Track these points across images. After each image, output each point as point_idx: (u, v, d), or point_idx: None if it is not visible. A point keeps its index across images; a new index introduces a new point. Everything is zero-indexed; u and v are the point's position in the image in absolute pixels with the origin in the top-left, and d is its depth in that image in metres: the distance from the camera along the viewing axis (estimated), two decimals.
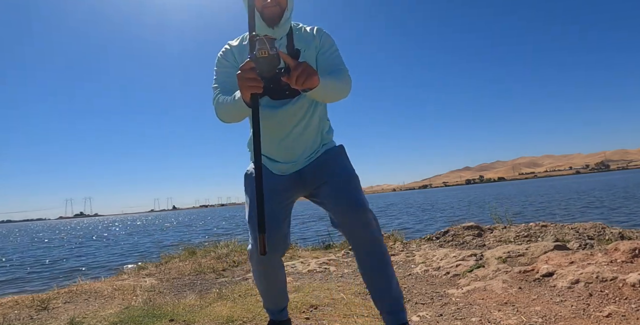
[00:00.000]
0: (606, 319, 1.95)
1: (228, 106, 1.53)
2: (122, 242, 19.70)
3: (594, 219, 6.30)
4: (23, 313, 2.95)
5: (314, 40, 1.66)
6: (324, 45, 1.67)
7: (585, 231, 4.09)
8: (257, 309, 2.57)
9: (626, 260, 2.57)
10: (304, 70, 1.27)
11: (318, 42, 1.67)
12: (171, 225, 38.60)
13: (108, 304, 3.08)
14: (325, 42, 1.67)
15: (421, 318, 2.22)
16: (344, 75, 1.60)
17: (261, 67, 1.26)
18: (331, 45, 1.68)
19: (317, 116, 1.69)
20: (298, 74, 1.27)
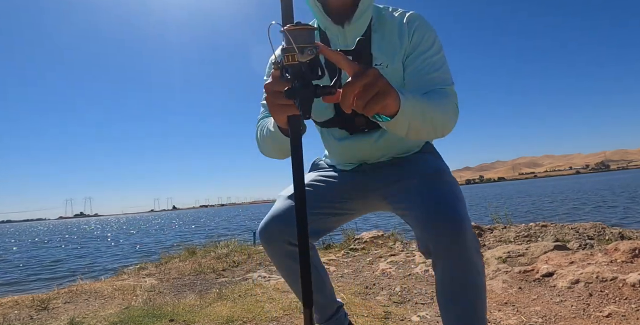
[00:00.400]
0: (606, 319, 1.95)
1: (266, 137, 1.13)
2: (122, 242, 19.70)
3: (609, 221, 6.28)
4: (23, 313, 2.95)
5: (403, 42, 1.13)
6: (417, 45, 1.11)
7: (585, 231, 4.09)
8: (257, 309, 2.57)
9: (626, 260, 2.57)
10: (369, 84, 0.72)
11: (407, 42, 1.12)
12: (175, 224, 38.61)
13: (108, 304, 3.08)
14: (418, 40, 1.12)
15: (421, 318, 2.22)
16: (447, 97, 1.03)
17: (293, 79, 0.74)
18: (429, 46, 1.11)
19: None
20: (358, 89, 0.71)
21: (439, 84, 1.07)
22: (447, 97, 1.03)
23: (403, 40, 1.13)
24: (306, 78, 0.69)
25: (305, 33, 0.68)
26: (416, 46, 1.12)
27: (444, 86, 1.06)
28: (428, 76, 1.08)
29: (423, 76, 1.09)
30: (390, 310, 2.35)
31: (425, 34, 1.13)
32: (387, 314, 2.31)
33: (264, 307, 2.60)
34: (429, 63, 1.10)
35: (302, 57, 0.67)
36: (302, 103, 0.70)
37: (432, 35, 1.14)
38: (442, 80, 1.08)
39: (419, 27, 1.13)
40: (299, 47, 0.67)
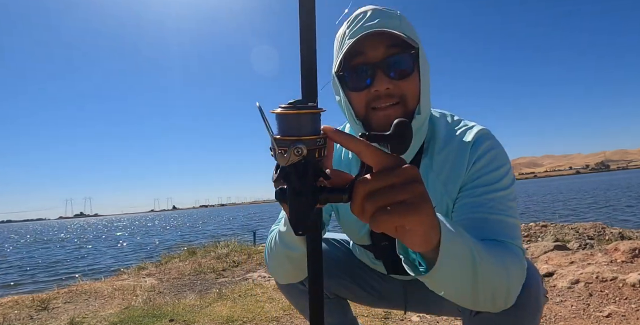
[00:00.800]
0: (606, 319, 1.95)
1: (274, 247, 0.90)
2: (123, 242, 19.71)
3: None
4: (23, 313, 2.95)
5: (461, 171, 0.88)
6: (479, 175, 0.86)
7: (585, 231, 4.09)
8: (257, 309, 2.57)
9: (626, 260, 2.57)
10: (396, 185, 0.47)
11: (466, 170, 0.88)
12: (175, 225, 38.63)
13: (108, 304, 3.08)
14: (483, 170, 0.86)
15: (421, 318, 2.22)
16: (514, 254, 0.74)
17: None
18: (496, 178, 0.85)
19: None
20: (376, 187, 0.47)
21: (501, 233, 0.77)
22: (513, 254, 0.73)
23: (461, 168, 0.88)
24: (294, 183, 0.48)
25: (296, 120, 0.47)
26: (478, 176, 0.86)
27: (508, 240, 0.76)
28: (487, 218, 0.79)
29: (479, 216, 0.80)
30: (390, 310, 2.34)
31: (494, 161, 0.86)
32: (387, 314, 2.32)
33: (264, 307, 2.60)
34: (492, 200, 0.81)
35: (283, 159, 0.46)
36: (290, 215, 0.50)
37: (503, 164, 0.87)
38: (506, 230, 0.78)
39: (486, 151, 0.87)
40: (278, 141, 0.46)
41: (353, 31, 0.85)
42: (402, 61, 0.84)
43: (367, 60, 0.84)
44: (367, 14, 0.86)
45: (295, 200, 0.49)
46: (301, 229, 0.50)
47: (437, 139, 0.93)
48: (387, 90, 0.83)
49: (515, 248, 0.76)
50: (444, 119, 0.98)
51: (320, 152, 0.49)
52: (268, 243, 0.95)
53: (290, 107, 0.47)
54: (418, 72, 0.86)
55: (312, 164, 0.48)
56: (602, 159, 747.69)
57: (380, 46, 0.83)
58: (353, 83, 0.86)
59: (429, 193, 0.81)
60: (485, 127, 0.94)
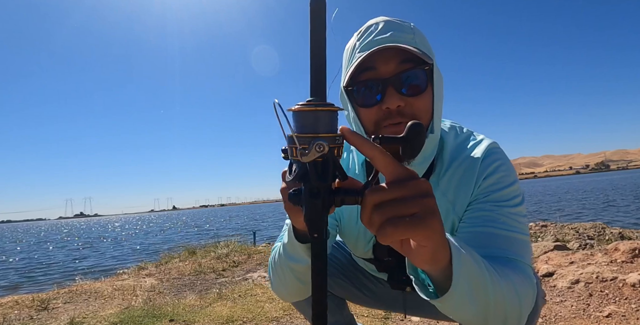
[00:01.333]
0: (606, 319, 1.95)
1: (278, 259, 0.85)
2: (123, 242, 19.71)
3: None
4: (23, 313, 2.95)
5: (468, 188, 0.87)
6: (488, 192, 0.84)
7: (585, 231, 4.09)
8: (257, 309, 2.57)
9: (626, 260, 2.57)
10: (406, 198, 0.46)
11: (475, 187, 0.86)
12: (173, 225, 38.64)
13: (108, 304, 3.08)
14: (492, 187, 0.85)
15: (421, 318, 2.22)
16: (524, 274, 0.72)
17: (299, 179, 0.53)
18: (507, 197, 0.83)
19: None
20: (385, 199, 0.47)
21: (510, 251, 0.75)
22: (524, 274, 0.71)
23: (469, 186, 0.86)
24: (312, 182, 0.47)
25: (315, 117, 0.46)
26: (487, 193, 0.84)
27: (517, 257, 0.74)
28: (497, 233, 0.77)
29: (488, 230, 0.78)
30: (379, 310, 2.35)
31: (504, 178, 0.84)
32: (387, 314, 2.32)
33: (264, 307, 2.60)
34: (502, 215, 0.79)
35: (306, 157, 0.45)
36: (306, 216, 0.49)
37: (513, 181, 0.85)
38: (516, 247, 0.76)
39: (496, 168, 0.85)
40: (300, 139, 0.45)
41: (364, 44, 0.81)
42: (415, 77, 0.80)
43: (378, 76, 0.80)
44: (379, 26, 0.82)
45: (312, 200, 0.48)
46: (317, 231, 0.49)
47: (444, 156, 0.90)
48: (398, 108, 0.78)
49: (525, 267, 0.74)
50: (452, 132, 0.95)
51: (339, 151, 0.48)
52: (271, 260, 0.91)
53: (309, 104, 0.46)
54: (432, 88, 0.82)
55: (333, 162, 0.47)
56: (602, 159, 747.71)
57: (392, 61, 0.79)
58: (362, 99, 0.82)
59: (445, 211, 0.87)
60: (494, 141, 0.91)
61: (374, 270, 1.10)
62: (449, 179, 0.88)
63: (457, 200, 0.87)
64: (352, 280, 1.22)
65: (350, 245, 1.07)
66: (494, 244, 0.76)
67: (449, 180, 0.88)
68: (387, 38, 0.79)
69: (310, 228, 0.49)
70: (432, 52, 0.84)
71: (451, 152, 0.90)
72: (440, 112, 0.85)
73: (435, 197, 0.81)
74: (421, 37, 0.83)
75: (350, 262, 1.23)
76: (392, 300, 1.22)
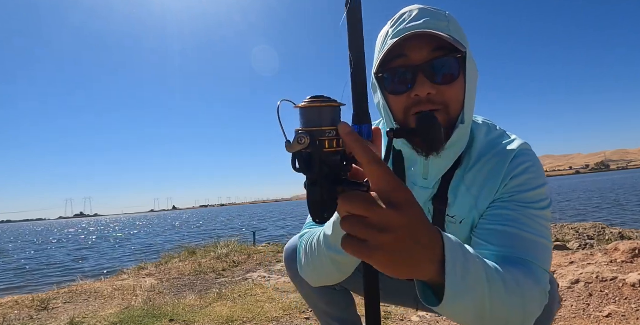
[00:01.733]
0: (606, 319, 1.95)
1: (317, 252, 0.84)
2: (123, 242, 19.70)
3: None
4: (23, 313, 2.95)
5: (494, 186, 0.85)
6: (513, 193, 0.83)
7: (585, 231, 4.09)
8: (257, 309, 2.57)
9: (626, 260, 2.57)
10: (370, 222, 0.45)
11: (501, 186, 0.84)
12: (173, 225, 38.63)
13: (108, 304, 3.08)
14: (518, 188, 0.83)
15: (421, 318, 2.22)
16: (533, 275, 0.70)
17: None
18: (533, 199, 0.81)
19: None
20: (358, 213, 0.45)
21: (530, 254, 0.73)
22: (535, 279, 0.69)
23: (495, 182, 0.84)
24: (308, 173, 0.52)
25: (311, 112, 0.51)
26: (514, 193, 0.82)
27: (535, 261, 0.72)
28: (518, 234, 0.76)
29: (510, 230, 0.77)
30: (390, 310, 2.35)
31: (533, 180, 0.82)
32: (387, 314, 2.32)
33: (264, 307, 2.61)
34: (526, 217, 0.78)
35: (290, 148, 0.50)
36: (307, 203, 0.54)
37: (542, 184, 0.83)
38: (536, 251, 0.74)
39: (526, 169, 0.83)
40: (297, 133, 0.50)
41: (396, 31, 0.79)
42: (446, 65, 0.78)
43: (409, 63, 0.78)
44: (412, 14, 0.80)
45: (310, 189, 0.52)
46: (318, 217, 0.52)
47: (474, 150, 0.89)
48: (428, 96, 0.77)
49: (540, 271, 0.72)
50: (484, 128, 0.92)
51: (333, 143, 0.50)
52: (305, 246, 0.88)
53: (314, 100, 0.50)
54: (464, 77, 0.80)
55: (318, 153, 0.50)
56: (602, 159, 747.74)
57: (424, 48, 0.78)
58: (393, 86, 0.81)
59: (459, 206, 0.87)
60: (526, 142, 0.88)
61: None
62: (475, 174, 0.87)
63: (480, 196, 0.86)
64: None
65: None
66: (513, 245, 0.75)
67: (475, 175, 0.87)
68: (420, 25, 0.78)
69: (311, 213, 0.53)
70: (466, 41, 0.81)
71: (481, 147, 0.89)
72: (472, 102, 0.82)
73: (460, 191, 0.87)
74: (456, 25, 0.81)
75: None
76: (405, 295, 1.20)
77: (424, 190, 0.90)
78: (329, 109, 0.51)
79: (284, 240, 8.09)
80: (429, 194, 0.90)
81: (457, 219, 0.88)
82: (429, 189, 0.89)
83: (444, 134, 0.78)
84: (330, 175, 0.51)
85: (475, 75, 0.84)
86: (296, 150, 0.49)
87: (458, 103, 0.80)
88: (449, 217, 0.89)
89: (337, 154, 0.51)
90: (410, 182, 0.93)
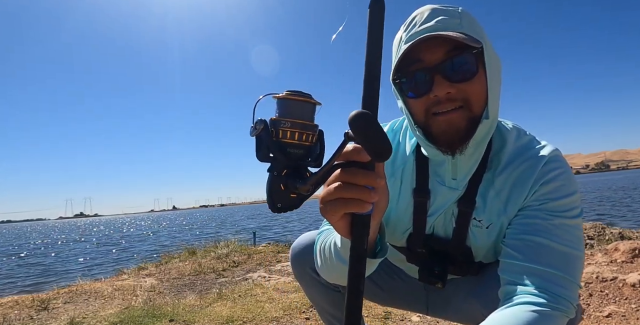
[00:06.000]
0: (606, 319, 1.95)
1: (330, 260, 0.86)
2: (122, 242, 19.71)
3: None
4: (23, 313, 2.95)
5: (522, 193, 0.83)
6: (542, 201, 0.81)
7: (585, 231, 4.09)
8: (257, 309, 2.57)
9: (626, 260, 2.57)
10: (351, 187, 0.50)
11: (529, 193, 0.83)
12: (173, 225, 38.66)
13: (108, 304, 3.08)
14: (548, 195, 0.81)
15: (421, 318, 2.22)
16: (554, 309, 0.69)
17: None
18: (563, 208, 0.79)
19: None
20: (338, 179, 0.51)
21: (561, 266, 0.73)
22: (561, 311, 0.70)
23: (524, 188, 0.82)
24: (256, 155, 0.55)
25: (281, 103, 0.54)
26: (545, 200, 0.80)
27: (565, 275, 0.72)
28: (549, 245, 0.75)
29: (540, 241, 0.76)
30: (390, 310, 2.34)
31: (565, 187, 0.80)
32: (387, 314, 2.32)
33: (264, 307, 2.61)
34: (558, 227, 0.76)
35: (251, 133, 0.54)
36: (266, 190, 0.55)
37: (574, 191, 0.80)
38: (567, 263, 0.74)
39: (558, 175, 0.81)
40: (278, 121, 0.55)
41: (409, 35, 0.79)
42: (462, 62, 0.77)
43: (424, 65, 0.78)
44: (424, 15, 0.79)
45: (268, 174, 0.55)
46: (273, 208, 0.54)
47: (503, 154, 0.87)
48: (447, 95, 0.77)
49: (569, 286, 0.72)
50: (515, 132, 0.90)
51: (294, 135, 0.53)
52: (319, 246, 0.91)
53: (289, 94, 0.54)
54: (484, 72, 0.79)
55: (267, 138, 0.53)
56: (602, 159, 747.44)
57: (438, 50, 0.77)
58: (411, 90, 0.81)
59: (487, 210, 0.87)
60: (557, 148, 0.87)
61: (403, 260, 1.07)
62: (505, 178, 0.85)
63: (509, 201, 0.84)
64: (372, 276, 1.17)
65: (388, 231, 1.01)
66: (543, 257, 0.74)
67: (505, 180, 0.85)
68: (431, 27, 0.77)
69: (268, 204, 0.55)
70: (482, 35, 0.80)
71: (511, 151, 0.87)
72: (496, 97, 0.81)
73: (489, 195, 0.88)
74: (469, 21, 0.80)
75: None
76: (414, 299, 1.18)
77: (451, 191, 0.88)
78: (291, 102, 0.53)
79: (284, 240, 8.08)
80: (456, 195, 0.88)
81: (484, 223, 0.87)
82: (457, 190, 0.88)
83: (468, 131, 0.78)
84: (288, 166, 0.54)
85: (498, 68, 0.82)
86: (253, 134, 0.53)
87: (480, 98, 0.79)
88: (475, 220, 0.88)
89: (298, 147, 0.54)
90: (435, 182, 0.91)
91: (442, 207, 0.90)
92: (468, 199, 0.87)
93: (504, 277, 0.77)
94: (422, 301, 1.17)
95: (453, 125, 0.78)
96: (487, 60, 0.78)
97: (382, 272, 1.19)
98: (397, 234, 1.00)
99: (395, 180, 0.96)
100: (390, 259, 1.16)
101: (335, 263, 0.82)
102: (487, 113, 0.80)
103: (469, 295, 0.98)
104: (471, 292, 0.97)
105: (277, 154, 0.53)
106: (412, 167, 0.94)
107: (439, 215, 0.91)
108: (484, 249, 0.90)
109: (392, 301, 1.25)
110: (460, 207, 0.88)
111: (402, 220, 0.97)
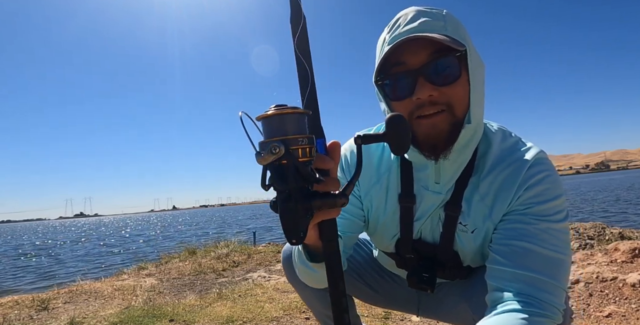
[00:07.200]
0: (606, 319, 1.95)
1: (296, 263, 0.90)
2: (122, 242, 19.71)
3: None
4: (23, 313, 2.95)
5: (507, 198, 0.82)
6: (528, 205, 0.80)
7: (585, 231, 4.08)
8: (257, 309, 2.57)
9: (626, 260, 2.57)
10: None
11: (514, 198, 0.82)
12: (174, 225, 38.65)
13: (108, 304, 3.08)
14: (533, 199, 0.80)
15: (421, 318, 2.22)
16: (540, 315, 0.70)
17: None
18: (549, 212, 0.78)
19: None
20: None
21: (546, 271, 0.73)
22: (548, 318, 0.70)
23: (509, 192, 0.81)
24: (280, 186, 0.47)
25: (274, 121, 0.46)
26: (530, 204, 0.79)
27: (550, 280, 0.72)
28: (534, 250, 0.75)
29: (525, 245, 0.76)
30: (390, 310, 2.35)
31: (550, 190, 0.79)
32: (387, 314, 2.32)
33: (264, 307, 2.60)
34: (543, 231, 0.76)
35: (262, 159, 0.46)
36: (281, 222, 0.48)
37: (559, 194, 0.80)
38: (553, 268, 0.74)
39: (543, 178, 0.80)
40: (262, 144, 0.47)
41: (392, 37, 0.78)
42: (445, 65, 0.76)
43: (407, 68, 0.78)
44: (408, 17, 0.79)
45: (283, 206, 0.47)
46: (294, 238, 0.48)
47: (489, 157, 0.86)
48: (430, 98, 0.76)
49: (555, 292, 0.72)
50: (500, 134, 0.89)
51: (307, 151, 0.47)
52: (289, 257, 0.95)
53: (278, 109, 0.47)
54: (467, 75, 0.78)
55: (294, 163, 0.46)
56: (602, 159, 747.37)
57: (421, 52, 0.76)
58: (394, 92, 0.81)
59: (472, 215, 0.87)
60: (542, 150, 0.85)
61: (393, 266, 1.08)
62: (490, 182, 0.85)
63: (495, 206, 0.84)
64: (365, 278, 1.20)
65: (377, 237, 1.03)
66: (529, 262, 0.74)
67: (490, 184, 0.85)
68: (415, 28, 0.77)
69: (286, 236, 0.48)
70: (466, 38, 0.79)
71: (496, 155, 0.86)
72: (479, 101, 0.80)
73: (473, 200, 0.87)
74: (453, 24, 0.79)
75: (366, 260, 1.22)
76: (406, 301, 1.19)
77: (435, 195, 0.88)
78: (297, 116, 0.47)
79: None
80: (440, 200, 0.88)
81: (469, 227, 0.87)
82: (441, 194, 0.87)
83: (451, 135, 0.78)
84: (304, 188, 0.48)
85: (481, 72, 0.82)
86: (269, 161, 0.45)
87: (463, 102, 0.78)
88: (460, 225, 0.88)
89: (309, 163, 0.48)
90: (420, 186, 0.91)
91: (427, 212, 0.90)
92: (454, 203, 0.87)
93: (490, 283, 0.78)
94: (414, 303, 1.18)
95: (436, 128, 0.78)
96: (470, 64, 0.78)
97: (375, 275, 1.20)
98: (386, 240, 1.00)
99: (380, 187, 0.95)
100: (383, 264, 1.17)
101: (301, 266, 0.85)
102: (469, 117, 0.79)
103: (459, 298, 0.98)
104: (461, 295, 0.97)
105: (298, 178, 0.47)
106: (396, 173, 0.94)
107: (426, 219, 0.91)
108: (471, 253, 0.90)
109: (385, 303, 1.26)
110: (447, 211, 0.88)
111: (390, 226, 0.97)
